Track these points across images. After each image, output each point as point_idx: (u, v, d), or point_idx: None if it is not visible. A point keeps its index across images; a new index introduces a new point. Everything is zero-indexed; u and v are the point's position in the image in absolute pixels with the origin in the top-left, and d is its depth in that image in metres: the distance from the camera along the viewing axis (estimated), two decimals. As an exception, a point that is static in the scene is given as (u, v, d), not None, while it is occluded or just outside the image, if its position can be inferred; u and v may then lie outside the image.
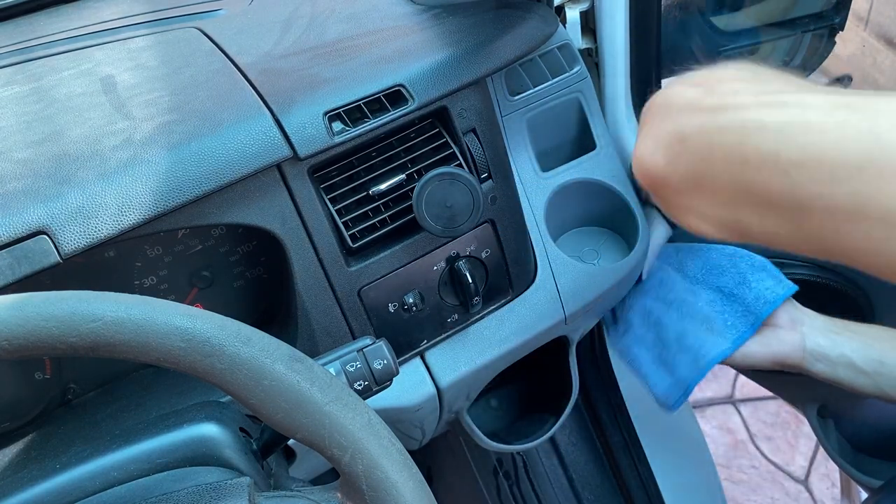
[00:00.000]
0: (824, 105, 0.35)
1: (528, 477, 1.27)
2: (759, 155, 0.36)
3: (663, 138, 0.42)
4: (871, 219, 0.32)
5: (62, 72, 0.73)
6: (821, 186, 0.33)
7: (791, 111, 0.35)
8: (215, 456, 0.46)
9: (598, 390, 1.19)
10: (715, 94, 0.40)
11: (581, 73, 0.85)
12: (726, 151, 0.38)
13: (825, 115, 0.34)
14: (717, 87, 0.41)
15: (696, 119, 0.40)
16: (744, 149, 0.37)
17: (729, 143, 0.38)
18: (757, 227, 0.38)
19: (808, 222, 0.35)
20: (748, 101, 0.38)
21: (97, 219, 0.56)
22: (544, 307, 0.81)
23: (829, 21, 0.90)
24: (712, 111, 0.39)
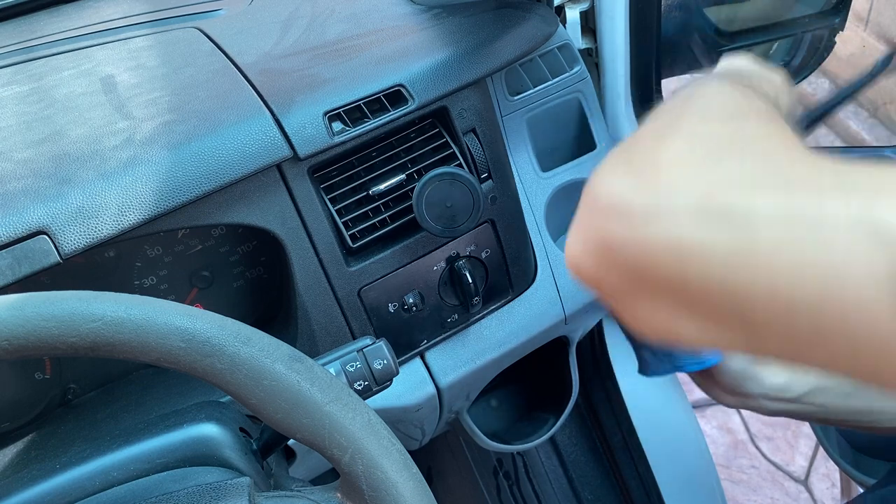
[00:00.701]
0: (778, 216, 0.28)
1: (528, 477, 1.27)
2: (701, 282, 0.30)
3: (590, 242, 0.35)
4: (835, 345, 0.28)
5: (62, 72, 0.73)
6: (776, 319, 0.29)
7: (737, 231, 0.29)
8: (215, 456, 0.46)
9: (598, 390, 1.19)
10: (649, 187, 0.32)
11: (581, 73, 0.85)
12: (662, 272, 0.31)
13: (777, 235, 0.28)
14: (653, 177, 0.33)
15: (622, 226, 0.32)
16: (683, 273, 0.30)
17: (664, 264, 0.31)
18: (708, 340, 0.32)
19: (765, 345, 0.30)
20: (688, 206, 0.30)
21: (97, 219, 0.56)
22: (544, 307, 0.81)
23: (829, 21, 0.90)
24: (643, 217, 0.32)
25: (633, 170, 0.34)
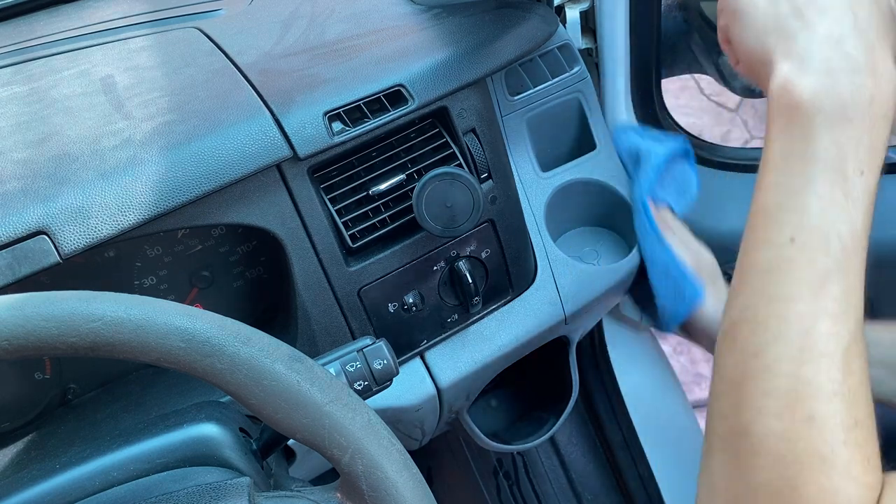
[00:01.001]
0: None
1: (528, 477, 1.27)
2: None
3: None
4: None
5: (62, 72, 0.73)
6: None
7: None
8: (215, 456, 0.46)
9: (598, 390, 1.19)
10: None
11: (581, 73, 0.85)
12: None
13: None
14: None
15: None
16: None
17: None
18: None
19: None
20: None
21: (97, 219, 0.56)
22: (544, 307, 0.81)
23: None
24: None
25: None
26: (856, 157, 0.46)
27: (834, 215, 0.45)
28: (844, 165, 0.46)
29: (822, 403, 0.43)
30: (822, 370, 0.43)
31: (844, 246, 0.45)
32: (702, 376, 2.05)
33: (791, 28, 0.50)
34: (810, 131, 0.47)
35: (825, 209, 0.46)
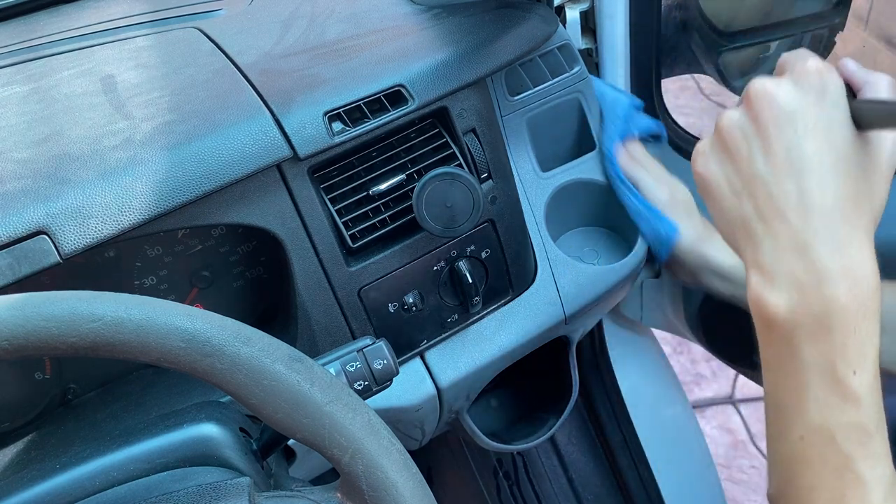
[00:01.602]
0: None
1: (528, 477, 1.27)
2: None
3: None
4: None
5: (62, 72, 0.73)
6: None
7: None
8: (215, 456, 0.46)
9: (598, 390, 1.19)
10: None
11: (581, 73, 0.85)
12: None
13: None
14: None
15: None
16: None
17: None
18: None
19: None
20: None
21: (97, 219, 0.56)
22: (544, 307, 0.81)
23: (829, 21, 0.90)
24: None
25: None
26: (844, 360, 0.46)
27: (835, 416, 0.46)
28: (834, 369, 0.46)
29: None
30: None
31: (856, 439, 0.46)
32: (702, 376, 2.05)
33: (756, 232, 0.49)
34: (792, 343, 0.47)
35: (824, 411, 0.46)
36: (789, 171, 0.47)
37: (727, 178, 0.51)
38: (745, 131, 0.50)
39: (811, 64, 0.49)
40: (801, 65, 0.49)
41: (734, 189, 0.51)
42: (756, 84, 0.50)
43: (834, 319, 0.45)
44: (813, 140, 0.47)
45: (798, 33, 0.93)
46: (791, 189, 0.47)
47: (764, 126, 0.48)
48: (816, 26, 0.91)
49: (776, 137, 0.48)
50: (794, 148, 0.47)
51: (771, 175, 0.48)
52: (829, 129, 0.47)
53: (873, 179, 0.48)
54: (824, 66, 0.49)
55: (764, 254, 0.48)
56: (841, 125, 0.47)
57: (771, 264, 0.48)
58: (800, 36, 0.94)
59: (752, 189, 0.49)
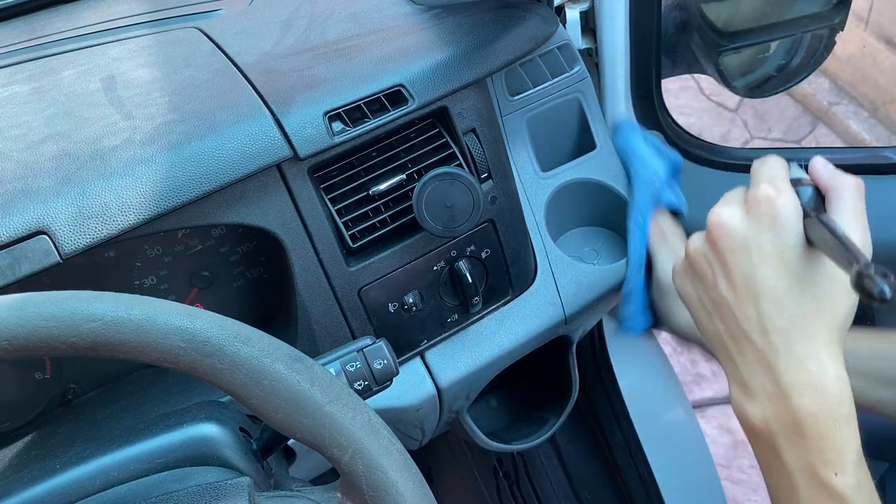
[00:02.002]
0: None
1: (528, 477, 1.27)
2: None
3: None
4: None
5: (63, 71, 0.73)
6: None
7: None
8: (215, 456, 0.46)
9: (598, 390, 1.19)
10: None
11: (581, 73, 0.85)
12: None
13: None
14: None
15: None
16: None
17: None
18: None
19: None
20: None
21: (97, 219, 0.56)
22: (544, 307, 0.81)
23: (829, 21, 0.90)
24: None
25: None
26: (823, 463, 0.48)
27: None
28: (816, 472, 0.49)
29: None
30: None
31: None
32: (702, 376, 2.05)
33: (729, 349, 0.54)
34: (775, 448, 0.50)
35: None
36: (748, 296, 0.51)
37: (699, 299, 0.56)
38: (709, 258, 0.54)
39: (762, 192, 0.52)
40: (753, 192, 0.53)
41: (706, 309, 0.56)
42: (713, 215, 0.54)
43: (805, 428, 0.49)
44: (767, 266, 0.51)
45: (798, 33, 0.93)
46: (751, 313, 0.51)
47: (722, 255, 0.53)
48: (816, 26, 0.91)
49: (734, 265, 0.52)
50: (750, 275, 0.51)
51: (733, 299, 0.53)
52: (782, 255, 0.50)
53: (833, 291, 0.51)
54: (775, 191, 0.52)
55: (738, 369, 0.53)
56: (793, 248, 0.51)
57: (745, 378, 0.52)
58: (800, 36, 0.93)
59: (721, 311, 0.54)
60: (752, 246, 0.51)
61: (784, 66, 0.96)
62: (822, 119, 2.79)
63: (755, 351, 0.51)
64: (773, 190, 0.52)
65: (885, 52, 2.63)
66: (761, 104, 2.86)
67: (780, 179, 0.54)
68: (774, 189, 0.52)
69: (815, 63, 0.94)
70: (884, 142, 2.61)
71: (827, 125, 2.78)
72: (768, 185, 0.52)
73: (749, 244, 0.51)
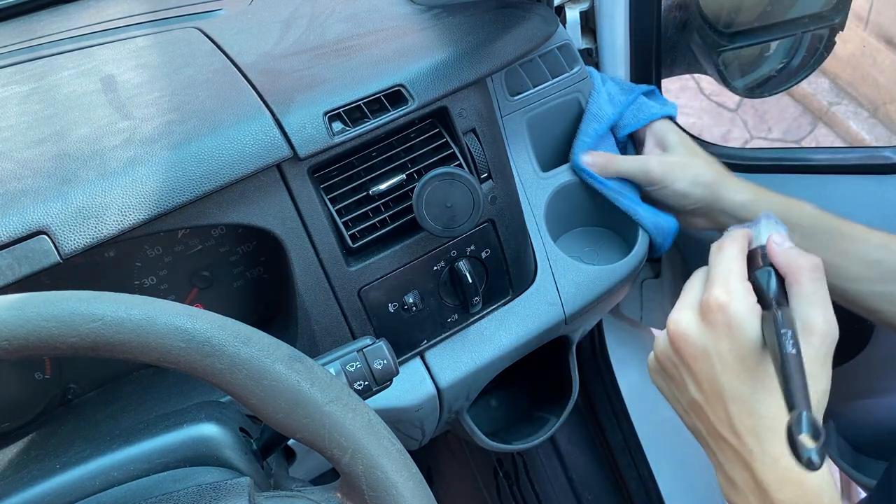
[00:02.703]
0: None
1: (528, 477, 1.27)
2: None
3: None
4: None
5: (63, 71, 0.73)
6: None
7: None
8: (215, 456, 0.46)
9: (598, 390, 1.19)
10: None
11: (581, 73, 0.85)
12: None
13: None
14: None
15: None
16: None
17: None
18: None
19: None
20: None
21: (97, 219, 0.56)
22: (544, 307, 0.81)
23: (829, 21, 0.90)
24: None
25: None
26: None
27: None
28: None
29: None
30: None
31: None
32: (702, 376, 2.04)
33: (710, 445, 0.55)
34: None
35: None
36: (717, 399, 0.53)
37: (674, 397, 0.58)
38: (675, 362, 0.56)
39: (714, 298, 0.53)
40: (705, 298, 0.53)
41: (682, 406, 0.57)
42: (671, 322, 0.55)
43: None
44: (729, 373, 0.52)
45: (798, 33, 0.93)
46: (722, 415, 0.53)
47: (686, 361, 0.54)
48: (816, 26, 0.91)
49: (699, 371, 0.53)
50: (715, 381, 0.52)
51: (703, 400, 0.54)
52: (742, 360, 0.51)
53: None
54: (727, 296, 0.52)
55: (721, 463, 0.54)
56: (752, 352, 0.51)
57: (728, 472, 0.54)
58: (800, 36, 0.94)
59: (695, 411, 0.55)
60: (712, 354, 0.52)
61: (784, 66, 0.96)
62: (822, 119, 2.79)
63: (732, 449, 0.53)
64: (725, 294, 0.52)
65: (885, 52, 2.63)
66: (761, 104, 2.86)
67: (734, 276, 0.54)
68: (726, 293, 0.52)
69: (815, 63, 0.94)
70: (884, 142, 2.61)
71: (827, 125, 2.78)
72: (721, 290, 0.53)
73: (709, 352, 0.52)
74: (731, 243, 0.57)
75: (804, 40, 0.94)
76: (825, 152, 0.92)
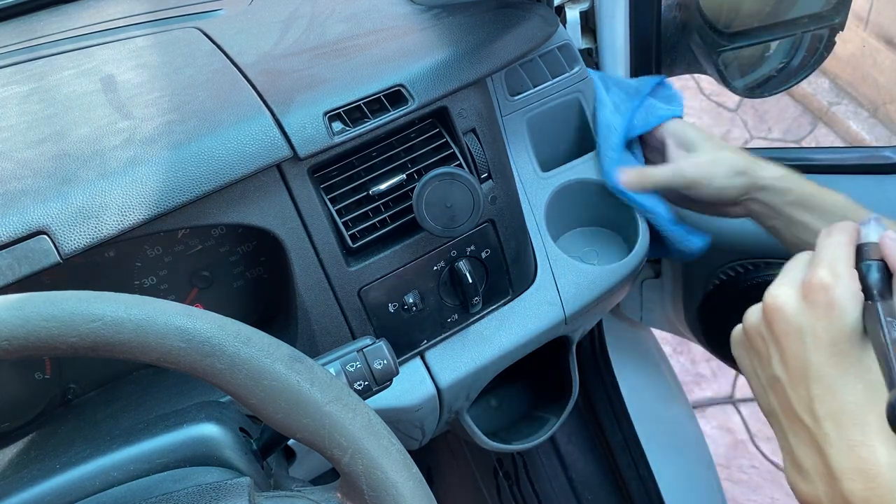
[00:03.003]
0: None
1: (528, 477, 1.27)
2: None
3: None
4: None
5: (63, 71, 0.73)
6: None
7: None
8: (215, 456, 0.46)
9: (598, 390, 1.19)
10: None
11: (581, 73, 0.85)
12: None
13: None
14: None
15: None
16: None
17: None
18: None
19: None
20: None
21: (97, 219, 0.56)
22: (544, 307, 0.81)
23: (829, 21, 0.90)
24: None
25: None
26: None
27: None
28: None
29: None
30: None
31: None
32: (702, 376, 2.05)
33: (782, 426, 0.54)
34: None
35: None
36: (801, 379, 0.52)
37: (755, 373, 0.57)
38: (764, 337, 0.55)
39: (818, 278, 0.52)
40: (810, 276, 0.53)
41: (761, 383, 0.56)
42: (769, 296, 0.54)
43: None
44: (820, 353, 0.51)
45: (798, 33, 0.93)
46: (804, 395, 0.52)
47: (777, 337, 0.53)
48: (816, 26, 0.91)
49: (787, 348, 0.53)
50: (804, 359, 0.52)
51: (787, 379, 0.53)
52: (836, 343, 0.50)
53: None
54: (832, 279, 0.52)
55: (791, 446, 0.53)
56: (848, 338, 0.50)
57: (798, 457, 0.53)
58: (800, 36, 0.94)
59: (775, 389, 0.54)
60: (806, 332, 0.52)
61: (784, 66, 0.96)
62: (822, 119, 2.79)
63: (807, 432, 0.52)
64: (830, 277, 0.52)
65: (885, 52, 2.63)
66: (761, 104, 2.86)
67: (841, 261, 0.53)
68: (832, 275, 0.52)
69: (815, 63, 0.94)
70: (884, 142, 2.62)
71: (827, 125, 2.78)
72: (826, 272, 0.52)
73: (803, 330, 0.52)
74: (840, 231, 0.56)
75: (804, 40, 0.94)
76: (825, 152, 0.92)
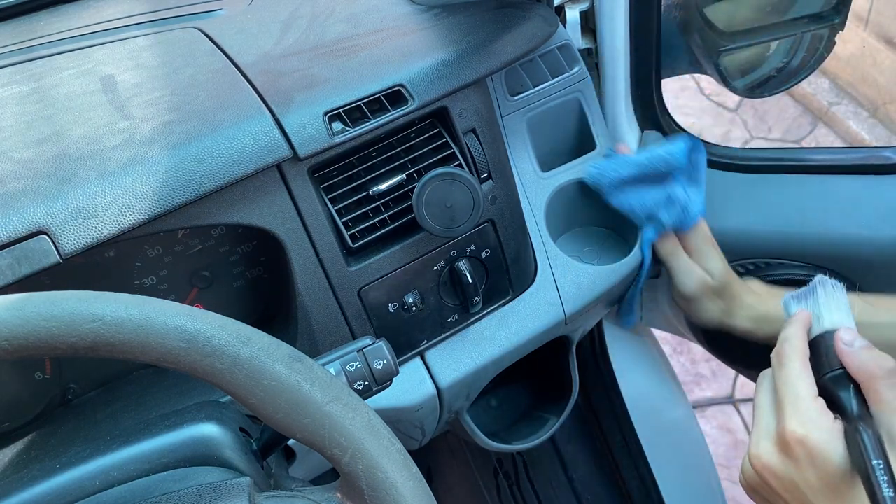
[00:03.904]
0: None
1: (528, 477, 1.27)
2: None
3: None
4: None
5: (63, 71, 0.73)
6: None
7: None
8: (215, 456, 0.46)
9: (598, 390, 1.19)
10: None
11: (581, 73, 0.85)
12: None
13: None
14: None
15: None
16: None
17: None
18: None
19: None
20: None
21: (97, 219, 0.56)
22: (544, 307, 0.81)
23: (829, 21, 0.90)
24: None
25: None
26: None
27: None
28: None
29: None
30: None
31: None
32: (702, 376, 2.05)
33: None
34: None
35: None
36: None
37: None
38: (767, 492, 0.57)
39: (789, 433, 0.53)
40: (780, 432, 0.54)
41: None
42: (753, 458, 0.56)
43: None
44: (820, 497, 0.52)
45: (798, 33, 0.93)
46: None
47: (777, 493, 0.55)
48: (816, 26, 0.91)
49: (792, 500, 0.54)
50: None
51: None
52: (832, 486, 0.52)
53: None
54: (803, 429, 0.53)
55: None
56: (840, 475, 0.51)
57: None
58: (800, 36, 0.93)
59: None
60: (800, 484, 0.53)
61: (784, 66, 0.96)
62: (822, 119, 2.79)
63: None
64: (801, 427, 0.53)
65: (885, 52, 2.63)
66: (761, 104, 2.86)
67: (804, 402, 0.54)
68: (801, 424, 0.53)
69: (815, 63, 0.94)
70: (884, 142, 2.61)
71: (827, 125, 2.78)
72: (795, 422, 0.53)
73: (797, 483, 0.53)
74: (791, 354, 0.57)
75: (804, 40, 0.94)
76: (825, 152, 0.92)
